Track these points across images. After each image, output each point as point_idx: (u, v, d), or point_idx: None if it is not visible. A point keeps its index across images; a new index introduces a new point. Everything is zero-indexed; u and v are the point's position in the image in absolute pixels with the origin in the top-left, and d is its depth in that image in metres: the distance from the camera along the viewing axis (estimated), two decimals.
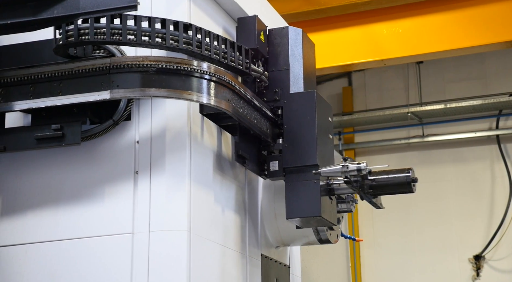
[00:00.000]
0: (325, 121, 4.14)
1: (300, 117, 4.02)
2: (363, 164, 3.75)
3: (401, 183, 3.89)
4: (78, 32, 3.28)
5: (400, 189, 3.92)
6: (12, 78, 3.52)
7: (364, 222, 10.34)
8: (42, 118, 3.56)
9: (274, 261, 4.42)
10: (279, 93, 4.10)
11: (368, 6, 7.92)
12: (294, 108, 4.05)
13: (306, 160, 3.91)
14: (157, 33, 3.34)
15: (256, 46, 4.01)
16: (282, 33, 4.23)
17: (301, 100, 4.04)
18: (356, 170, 3.74)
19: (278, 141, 4.04)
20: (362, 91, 10.81)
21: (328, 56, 8.13)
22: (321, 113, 4.07)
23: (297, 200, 3.87)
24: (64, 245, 3.54)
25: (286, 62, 4.15)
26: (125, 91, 3.38)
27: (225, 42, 3.66)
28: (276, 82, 4.12)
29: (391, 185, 3.89)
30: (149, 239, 3.46)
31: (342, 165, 3.76)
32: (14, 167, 3.68)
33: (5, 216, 3.64)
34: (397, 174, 3.90)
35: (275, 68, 4.16)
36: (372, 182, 3.86)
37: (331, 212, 3.98)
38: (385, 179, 3.89)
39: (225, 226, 3.89)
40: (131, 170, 3.54)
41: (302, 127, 3.99)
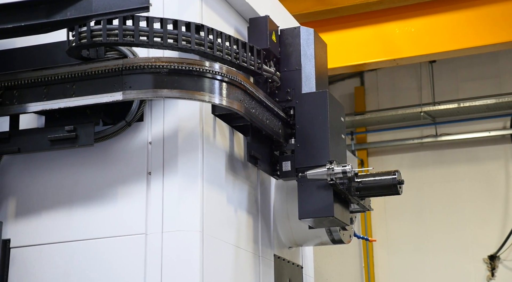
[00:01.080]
0: (337, 121, 4.13)
1: (312, 117, 4.01)
2: (348, 167, 3.77)
3: (387, 185, 3.93)
4: (90, 33, 3.30)
5: (387, 191, 3.97)
6: (26, 80, 3.54)
7: (377, 222, 10.30)
8: (55, 120, 3.58)
9: (287, 261, 4.41)
10: (291, 93, 4.09)
11: (380, 5, 7.90)
12: (306, 108, 4.04)
13: (318, 160, 3.90)
14: (169, 34, 3.35)
15: (267, 47, 4.01)
16: (294, 33, 4.22)
17: (313, 100, 4.04)
18: (341, 172, 3.76)
19: (290, 141, 4.04)
20: (375, 91, 10.77)
21: (340, 56, 8.11)
22: (333, 113, 4.07)
23: (310, 200, 3.86)
24: (78, 245, 3.56)
25: (298, 62, 4.15)
26: (138, 92, 3.39)
27: (237, 43, 3.66)
28: (288, 82, 4.12)
29: (378, 187, 3.93)
30: (162, 240, 3.47)
31: (327, 167, 3.78)
32: (28, 169, 3.71)
33: (20, 217, 3.67)
34: (383, 177, 3.94)
35: (287, 68, 4.16)
36: (359, 185, 3.90)
37: (343, 212, 3.98)
38: (371, 181, 3.93)
39: (238, 226, 3.89)
40: (144, 171, 3.55)
41: (314, 127, 3.99)
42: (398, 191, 3.93)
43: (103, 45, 3.41)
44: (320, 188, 3.83)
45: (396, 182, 3.92)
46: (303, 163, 3.96)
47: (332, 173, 3.76)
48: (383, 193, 4.00)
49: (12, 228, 3.63)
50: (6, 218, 3.65)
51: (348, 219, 4.07)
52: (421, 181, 10.15)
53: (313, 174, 3.82)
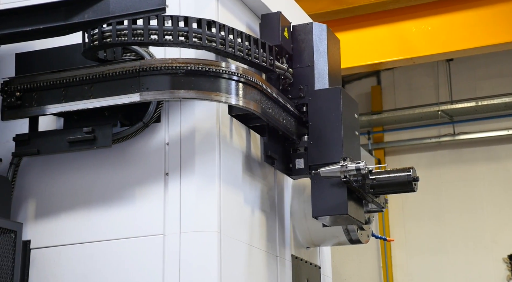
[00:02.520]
0: (351, 117, 4.08)
1: (325, 114, 3.95)
2: (362, 164, 3.70)
3: (402, 182, 3.86)
4: (101, 35, 3.31)
5: (402, 189, 3.90)
6: (45, 82, 3.57)
7: (395, 221, 10.26)
8: (74, 121, 3.61)
9: (305, 261, 4.41)
10: (304, 90, 4.03)
11: (397, 4, 7.87)
12: (319, 105, 3.98)
13: (332, 157, 3.84)
14: (180, 31, 3.34)
15: (280, 43, 3.95)
16: (306, 29, 4.17)
17: (326, 97, 3.98)
18: (355, 169, 3.69)
19: (303, 138, 3.99)
20: (391, 90, 10.73)
21: (357, 55, 8.10)
22: (347, 110, 4.00)
23: (323, 198, 3.80)
24: (97, 246, 3.58)
25: (311, 58, 4.09)
26: (155, 94, 3.41)
27: (248, 39, 3.63)
28: (300, 79, 4.06)
29: (393, 184, 3.87)
30: (180, 241, 3.48)
31: (341, 164, 3.71)
32: (47, 170, 3.74)
33: (39, 218, 3.70)
34: (398, 174, 3.88)
35: (300, 64, 4.09)
36: (373, 182, 3.83)
37: (358, 210, 3.93)
38: (386, 178, 3.87)
39: (255, 227, 3.89)
40: (161, 172, 3.56)
41: (328, 124, 3.92)
42: (413, 188, 3.87)
43: (113, 46, 3.40)
44: (333, 185, 3.79)
45: (411, 179, 3.85)
46: (317, 161, 3.90)
47: (345, 170, 3.70)
48: (398, 190, 3.95)
49: (32, 229, 3.66)
50: (26, 219, 3.68)
51: (363, 217, 4.03)
52: (439, 180, 10.09)
53: (326, 171, 3.76)
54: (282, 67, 3.97)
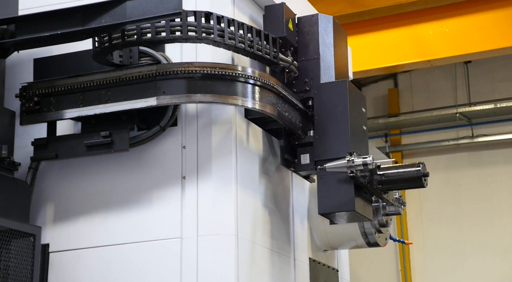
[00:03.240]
0: (358, 111, 3.93)
1: (331, 108, 3.82)
2: (369, 158, 3.58)
3: (411, 177, 3.76)
4: (110, 37, 3.32)
5: (411, 184, 3.80)
6: (62, 87, 3.60)
7: (413, 224, 10.20)
8: (91, 126, 3.63)
9: (322, 264, 4.39)
10: (309, 83, 3.90)
11: (414, 6, 7.85)
12: (325, 98, 3.85)
13: (338, 152, 3.70)
14: (173, 27, 3.29)
15: (284, 35, 3.81)
16: (311, 21, 4.01)
17: (332, 90, 3.85)
18: (362, 164, 3.56)
19: (308, 133, 3.87)
20: (409, 92, 10.68)
21: (373, 57, 8.08)
22: (354, 103, 3.86)
23: (330, 194, 3.68)
24: (114, 250, 3.59)
25: (316, 51, 3.95)
26: (171, 98, 3.42)
27: (250, 30, 3.51)
28: (306, 72, 3.92)
29: (401, 180, 3.76)
30: (197, 244, 3.48)
31: (347, 159, 3.58)
32: (65, 174, 3.76)
33: (58, 222, 3.72)
34: (407, 169, 3.78)
35: (305, 57, 3.96)
36: (381, 177, 3.72)
37: (365, 207, 3.78)
38: (394, 174, 3.76)
39: (272, 229, 3.88)
40: (179, 175, 3.57)
41: (334, 118, 3.80)
42: (423, 184, 3.76)
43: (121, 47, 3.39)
44: (340, 181, 3.65)
45: (421, 175, 3.74)
46: (322, 156, 3.78)
47: (352, 165, 3.57)
48: (407, 186, 3.86)
49: (50, 233, 3.69)
50: (44, 223, 3.71)
51: (371, 214, 3.90)
52: (457, 183, 10.01)
53: (332, 166, 3.63)
54: (286, 60, 3.82)
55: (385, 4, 7.72)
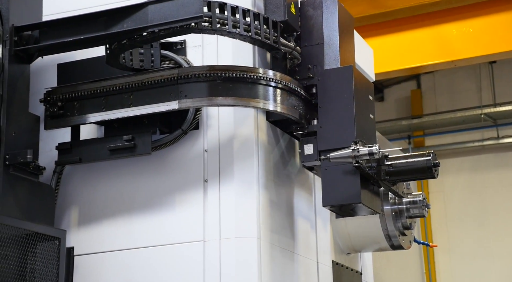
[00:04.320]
0: (364, 99, 3.72)
1: (336, 95, 3.60)
2: (375, 147, 3.37)
3: (421, 168, 3.54)
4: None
5: (421, 175, 3.59)
6: (86, 91, 3.63)
7: (437, 227, 10.10)
8: (114, 129, 3.65)
9: (346, 267, 4.37)
10: (313, 70, 3.69)
11: (437, 6, 7.78)
12: (329, 85, 3.63)
13: (343, 141, 3.49)
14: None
15: (285, 19, 3.60)
16: (315, 4, 3.79)
17: (337, 77, 3.62)
18: (367, 154, 3.36)
19: (312, 122, 3.66)
20: (432, 94, 10.60)
21: (396, 59, 8.03)
22: (360, 90, 3.66)
23: (335, 186, 3.49)
24: (138, 253, 3.61)
25: (320, 36, 3.72)
26: (193, 101, 3.43)
27: (248, 14, 3.31)
28: (309, 58, 3.70)
29: (411, 170, 3.55)
30: (220, 247, 3.49)
31: (352, 148, 3.38)
32: (89, 178, 3.80)
33: (82, 225, 3.76)
34: (416, 159, 3.55)
35: (308, 43, 3.73)
36: (390, 168, 3.52)
37: (373, 199, 3.59)
38: (403, 164, 3.54)
39: (295, 232, 3.87)
40: (201, 179, 3.58)
41: (338, 106, 3.58)
42: (433, 174, 3.54)
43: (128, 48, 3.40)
44: (346, 172, 3.45)
45: (431, 165, 3.52)
46: (327, 146, 3.55)
47: (357, 154, 3.36)
48: (417, 177, 3.64)
49: (75, 236, 3.72)
50: (69, 226, 3.74)
51: (379, 207, 3.69)
52: (483, 184, 9.90)
53: (336, 156, 3.42)
54: (289, 45, 3.62)
55: (407, 4, 7.67)
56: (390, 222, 4.24)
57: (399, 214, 4.26)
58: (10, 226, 3.20)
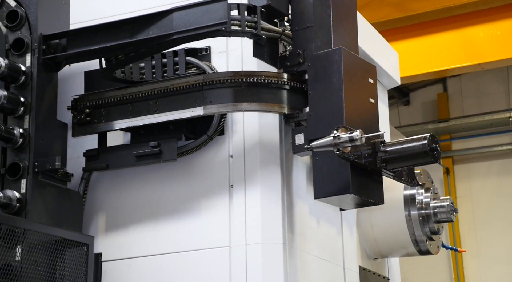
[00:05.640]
0: (360, 82, 3.45)
1: (325, 80, 3.36)
2: (356, 133, 3.10)
3: (418, 153, 3.26)
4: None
5: (419, 160, 3.32)
6: (112, 98, 3.67)
7: (466, 231, 9.97)
8: (140, 136, 3.68)
9: (373, 273, 4.34)
10: (303, 55, 3.46)
11: (463, 9, 7.71)
12: (319, 70, 3.39)
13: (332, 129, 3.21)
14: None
15: (267, 3, 3.39)
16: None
17: (326, 60, 3.36)
18: (348, 140, 3.09)
19: (304, 110, 3.46)
20: (459, 97, 10.49)
21: (422, 62, 7.97)
22: (353, 73, 3.40)
23: (326, 177, 3.30)
24: (165, 259, 3.63)
25: (311, 18, 3.47)
26: (218, 107, 3.44)
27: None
28: (300, 42, 3.47)
29: (408, 156, 3.28)
30: (246, 252, 3.49)
31: (332, 135, 3.11)
32: (116, 184, 3.82)
33: (109, 231, 3.78)
34: (412, 143, 3.28)
35: (298, 26, 3.50)
36: (386, 155, 3.28)
37: (371, 189, 3.37)
38: (399, 150, 3.28)
39: (321, 238, 3.86)
40: (226, 184, 3.59)
41: (328, 91, 3.34)
42: (432, 159, 3.28)
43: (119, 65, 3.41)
44: (337, 162, 3.24)
45: (427, 149, 3.26)
46: (317, 134, 3.28)
47: (338, 142, 3.10)
48: (415, 162, 3.36)
49: (102, 242, 3.75)
50: (97, 232, 3.77)
51: (380, 198, 3.43)
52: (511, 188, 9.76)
53: (318, 145, 3.17)
54: (274, 30, 3.41)
55: (433, 7, 7.61)
56: (417, 227, 4.20)
57: (426, 219, 4.22)
58: (40, 233, 3.24)
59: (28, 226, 3.20)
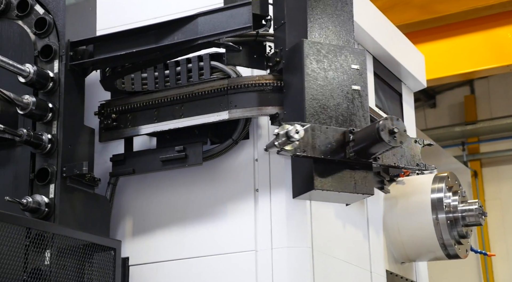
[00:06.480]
0: (340, 70, 3.25)
1: (293, 75, 3.27)
2: (291, 127, 2.90)
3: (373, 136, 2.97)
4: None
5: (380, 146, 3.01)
6: (138, 103, 3.70)
7: (495, 235, 9.83)
8: (166, 140, 3.70)
9: (400, 277, 4.30)
10: (280, 53, 3.38)
11: (490, 10, 7.63)
12: (288, 66, 3.32)
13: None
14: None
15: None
16: None
17: (292, 55, 3.27)
18: (285, 136, 2.91)
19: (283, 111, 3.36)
20: (486, 99, 10.36)
21: (449, 64, 7.89)
22: (322, 61, 3.21)
23: (297, 175, 3.21)
24: (192, 263, 3.64)
25: (284, 14, 3.35)
26: (243, 111, 3.45)
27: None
28: (277, 41, 3.40)
29: (368, 142, 3.00)
30: (272, 257, 3.48)
31: (274, 134, 2.95)
32: (142, 188, 3.85)
33: (136, 235, 3.81)
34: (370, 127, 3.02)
35: (277, 25, 3.43)
36: (354, 147, 3.06)
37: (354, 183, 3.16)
38: (360, 137, 3.03)
39: (347, 241, 3.84)
40: (251, 188, 3.59)
41: (295, 86, 3.25)
42: (390, 142, 2.97)
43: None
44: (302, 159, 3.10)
45: (381, 128, 2.96)
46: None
47: (279, 142, 2.92)
48: (377, 148, 3.04)
49: (129, 247, 3.78)
50: (124, 236, 3.80)
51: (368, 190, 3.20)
52: None
53: (268, 145, 3.03)
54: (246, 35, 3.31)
55: (459, 9, 7.54)
56: (445, 230, 4.16)
57: (455, 222, 4.18)
58: (68, 237, 3.27)
59: (57, 231, 3.23)
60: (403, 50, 4.94)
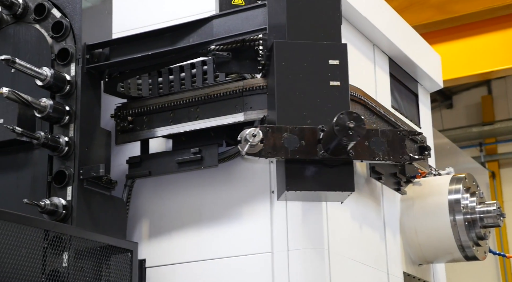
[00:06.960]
0: (316, 67, 3.17)
1: (269, 78, 3.27)
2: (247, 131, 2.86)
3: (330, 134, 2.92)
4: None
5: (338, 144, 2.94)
6: (154, 105, 3.71)
7: None
8: (182, 143, 3.71)
9: (418, 279, 4.27)
10: (265, 56, 3.34)
11: (507, 10, 7.57)
12: (268, 68, 3.29)
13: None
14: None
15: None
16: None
17: (268, 57, 3.27)
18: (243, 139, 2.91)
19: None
20: (504, 99, 10.28)
21: (465, 64, 7.84)
22: (295, 61, 3.15)
23: (279, 177, 3.21)
24: (208, 265, 3.64)
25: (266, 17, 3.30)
26: (258, 113, 3.45)
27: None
28: (265, 44, 3.34)
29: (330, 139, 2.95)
30: (288, 258, 3.47)
31: (238, 139, 2.94)
32: (158, 191, 3.86)
33: (153, 238, 3.82)
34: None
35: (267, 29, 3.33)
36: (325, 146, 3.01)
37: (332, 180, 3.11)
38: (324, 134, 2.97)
39: (364, 243, 3.82)
40: (267, 190, 3.59)
41: (270, 88, 3.25)
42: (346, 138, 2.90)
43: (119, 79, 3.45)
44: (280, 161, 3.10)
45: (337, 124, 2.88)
46: None
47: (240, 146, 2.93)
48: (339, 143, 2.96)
49: (146, 249, 3.79)
50: (140, 239, 3.81)
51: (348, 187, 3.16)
52: None
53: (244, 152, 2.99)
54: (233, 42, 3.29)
55: (476, 9, 7.49)
56: (463, 232, 4.13)
57: (472, 224, 4.14)
58: (85, 239, 3.29)
59: (74, 233, 3.25)
60: (419, 50, 4.91)
